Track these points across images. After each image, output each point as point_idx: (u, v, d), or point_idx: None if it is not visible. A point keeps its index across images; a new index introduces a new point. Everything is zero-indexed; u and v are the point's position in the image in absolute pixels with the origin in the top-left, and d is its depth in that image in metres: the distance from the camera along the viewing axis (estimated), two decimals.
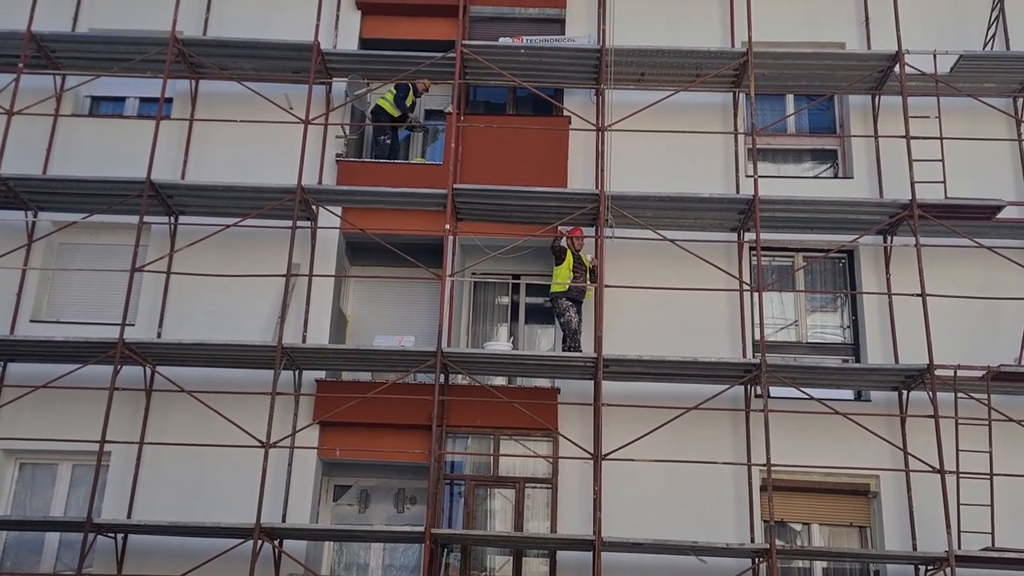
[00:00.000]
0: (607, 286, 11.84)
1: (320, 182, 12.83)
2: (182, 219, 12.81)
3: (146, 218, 12.21)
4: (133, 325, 12.24)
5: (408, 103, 13.48)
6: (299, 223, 12.12)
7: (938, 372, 11.22)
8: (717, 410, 11.60)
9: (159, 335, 12.31)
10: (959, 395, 11.27)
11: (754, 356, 11.81)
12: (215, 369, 12.07)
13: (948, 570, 10.55)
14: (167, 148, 12.92)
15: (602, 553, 10.73)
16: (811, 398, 11.48)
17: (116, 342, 11.48)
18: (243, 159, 13.01)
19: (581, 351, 11.81)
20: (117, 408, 11.47)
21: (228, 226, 12.34)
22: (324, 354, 11.91)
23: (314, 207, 12.57)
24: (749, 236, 12.39)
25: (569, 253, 12.16)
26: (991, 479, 10.96)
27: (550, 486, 11.88)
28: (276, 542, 11.17)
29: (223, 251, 12.50)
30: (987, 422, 11.12)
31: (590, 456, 11.19)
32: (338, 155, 13.26)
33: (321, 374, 12.34)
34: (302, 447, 11.79)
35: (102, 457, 11.27)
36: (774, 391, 11.58)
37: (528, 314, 13.46)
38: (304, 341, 12.15)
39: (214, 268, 12.31)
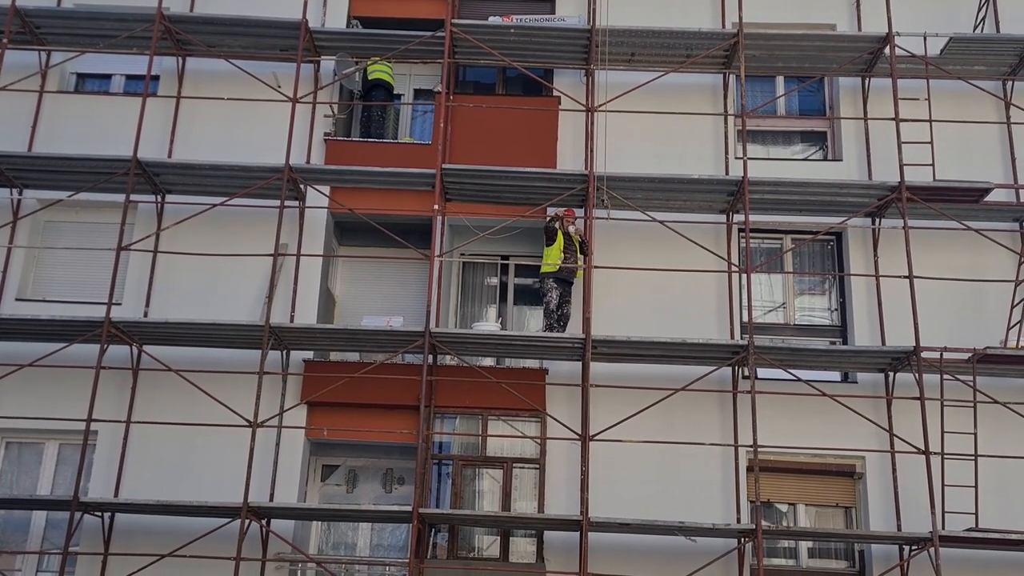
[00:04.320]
0: (596, 267, 11.84)
1: (308, 161, 12.77)
2: (169, 198, 12.72)
3: (132, 196, 12.13)
4: (120, 304, 12.18)
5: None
6: (287, 202, 12.06)
7: (924, 354, 11.27)
8: (705, 391, 11.62)
9: (146, 314, 12.24)
10: (945, 377, 11.33)
11: (742, 338, 11.84)
12: (202, 349, 12.02)
13: (932, 550, 10.62)
14: (154, 126, 12.81)
15: (589, 533, 10.76)
16: (798, 380, 11.52)
17: (102, 321, 11.43)
18: (231, 138, 12.92)
19: (555, 331, 11.81)
20: (104, 387, 11.44)
21: (215, 205, 12.26)
22: (312, 334, 11.88)
23: (302, 186, 12.50)
24: (738, 218, 12.39)
25: (560, 234, 12.14)
26: (976, 460, 11.04)
27: (538, 466, 11.91)
28: (263, 522, 11.16)
29: (210, 230, 12.44)
30: (972, 404, 11.19)
31: (578, 437, 11.22)
32: (326, 134, 13.18)
33: (309, 354, 12.30)
34: (290, 427, 11.77)
35: (89, 436, 11.23)
36: (761, 372, 11.63)
37: (517, 295, 13.43)
38: (292, 321, 12.11)
39: (201, 247, 12.26)
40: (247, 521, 10.78)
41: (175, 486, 11.48)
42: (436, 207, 11.94)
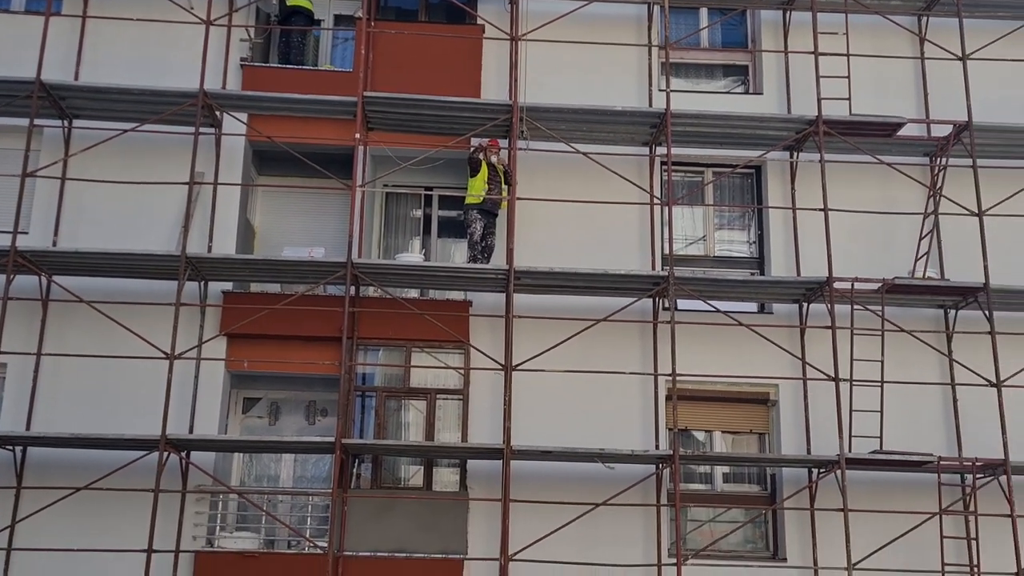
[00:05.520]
0: (519, 199, 11.81)
1: (224, 87, 12.35)
2: (77, 123, 12.21)
3: (37, 121, 11.62)
4: (27, 233, 11.73)
5: None
6: (202, 129, 11.69)
7: (836, 285, 11.60)
8: (626, 322, 11.79)
9: (55, 243, 11.82)
10: (855, 307, 11.69)
11: (663, 269, 12.00)
12: (117, 280, 11.69)
13: (839, 472, 11.08)
14: (59, 47, 12.23)
15: (511, 461, 10.94)
16: (717, 310, 11.76)
17: (8, 250, 11.00)
18: (142, 61, 12.44)
19: (479, 263, 11.81)
20: (12, 319, 11.10)
21: (126, 131, 11.82)
22: (231, 264, 11.64)
23: (218, 113, 12.12)
24: (660, 151, 12.46)
25: (484, 165, 12.05)
26: (882, 387, 11.48)
27: (461, 397, 11.99)
28: (183, 454, 11.03)
29: (123, 157, 12.00)
30: (880, 332, 11.60)
31: (501, 367, 11.30)
32: (243, 59, 12.76)
33: (228, 285, 12.07)
34: (209, 359, 11.58)
35: None
36: (681, 304, 11.83)
37: (441, 227, 13.35)
38: (209, 251, 11.83)
39: (114, 175, 11.83)
40: (166, 454, 10.63)
41: (91, 420, 11.22)
42: (358, 136, 11.72)
